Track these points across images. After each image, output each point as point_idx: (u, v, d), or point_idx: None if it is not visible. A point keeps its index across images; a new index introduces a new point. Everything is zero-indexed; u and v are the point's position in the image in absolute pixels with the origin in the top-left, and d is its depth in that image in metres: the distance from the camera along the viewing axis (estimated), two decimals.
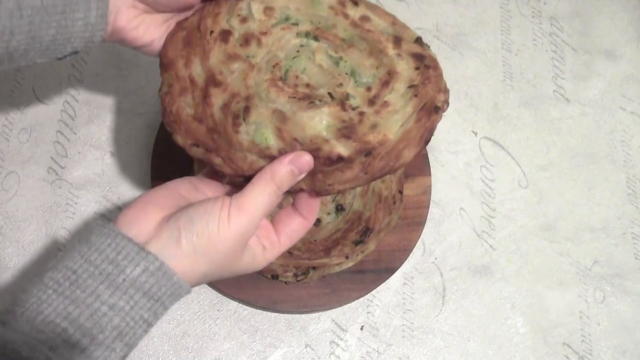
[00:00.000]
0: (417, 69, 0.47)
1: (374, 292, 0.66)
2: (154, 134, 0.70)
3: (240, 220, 0.41)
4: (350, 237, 0.63)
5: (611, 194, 0.72)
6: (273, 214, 0.48)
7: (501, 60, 0.78)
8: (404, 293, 0.67)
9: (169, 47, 0.48)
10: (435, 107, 0.46)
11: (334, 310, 0.65)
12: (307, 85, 0.46)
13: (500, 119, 0.75)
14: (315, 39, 0.49)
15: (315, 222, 0.63)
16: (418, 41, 0.49)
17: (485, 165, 0.73)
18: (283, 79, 0.46)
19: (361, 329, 0.65)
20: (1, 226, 0.67)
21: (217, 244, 0.41)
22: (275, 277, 0.63)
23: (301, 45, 0.48)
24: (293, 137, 0.43)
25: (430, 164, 0.70)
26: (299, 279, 0.63)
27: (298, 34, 0.49)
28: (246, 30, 0.48)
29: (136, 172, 0.70)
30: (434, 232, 0.69)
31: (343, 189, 0.44)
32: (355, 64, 0.48)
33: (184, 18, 0.50)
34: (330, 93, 0.46)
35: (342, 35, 0.49)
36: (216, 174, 0.47)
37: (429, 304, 0.66)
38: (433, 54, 0.48)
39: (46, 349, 0.37)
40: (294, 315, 0.65)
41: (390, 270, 0.65)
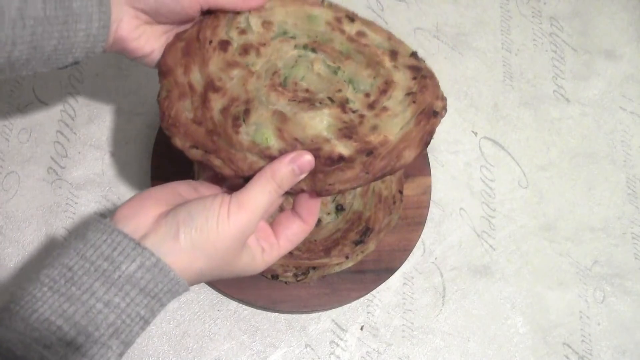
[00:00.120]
0: (414, 78, 0.47)
1: (374, 292, 0.66)
2: (153, 134, 0.70)
3: (239, 218, 0.41)
4: (350, 237, 0.63)
5: (611, 194, 0.72)
6: (274, 216, 0.48)
7: (501, 60, 0.78)
8: (404, 293, 0.67)
9: (167, 56, 0.48)
10: (434, 112, 0.46)
11: (334, 310, 0.65)
12: (307, 90, 0.47)
13: (500, 119, 0.75)
14: (313, 50, 0.49)
15: None
16: (414, 55, 0.49)
17: (485, 165, 0.73)
18: (282, 85, 0.46)
19: (361, 329, 0.65)
20: (1, 226, 0.67)
21: (216, 240, 0.40)
22: (275, 277, 0.63)
23: (299, 55, 0.49)
24: (294, 137, 0.43)
25: (430, 164, 0.70)
26: (299, 279, 0.63)
27: (296, 46, 0.49)
28: (245, 41, 0.48)
29: (136, 172, 0.70)
30: (434, 232, 0.69)
31: (344, 189, 0.44)
32: (353, 73, 0.48)
33: (182, 30, 0.50)
34: (329, 97, 0.46)
35: (339, 49, 0.49)
36: (216, 179, 0.47)
37: (429, 304, 0.66)
38: (429, 67, 0.49)
39: (41, 348, 0.36)
40: (294, 315, 0.65)
41: (390, 270, 0.65)
